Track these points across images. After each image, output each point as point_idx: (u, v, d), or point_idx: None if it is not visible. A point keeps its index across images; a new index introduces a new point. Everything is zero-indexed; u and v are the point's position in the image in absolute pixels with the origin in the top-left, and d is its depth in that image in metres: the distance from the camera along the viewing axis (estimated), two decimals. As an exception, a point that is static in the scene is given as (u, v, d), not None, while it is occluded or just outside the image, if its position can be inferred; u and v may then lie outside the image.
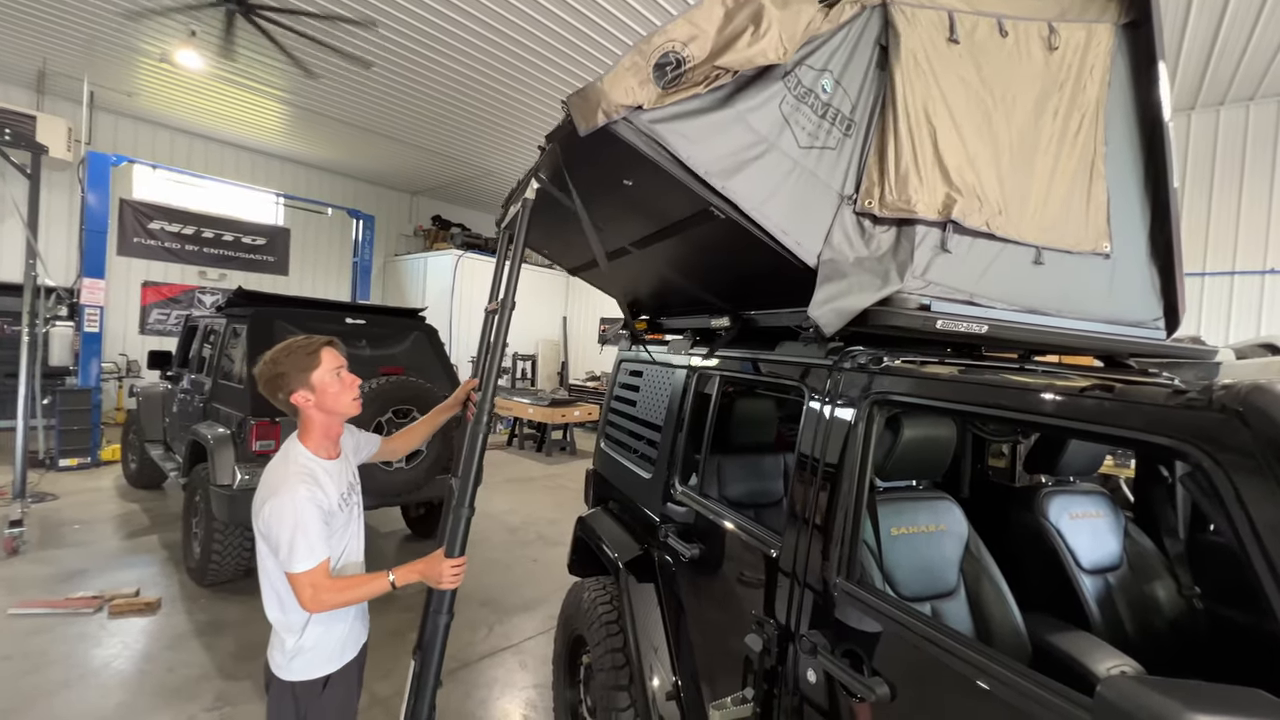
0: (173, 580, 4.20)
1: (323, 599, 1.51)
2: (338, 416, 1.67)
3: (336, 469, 1.69)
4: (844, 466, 1.41)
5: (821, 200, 1.58)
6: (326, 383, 1.61)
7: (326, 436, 1.68)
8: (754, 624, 1.61)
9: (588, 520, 2.78)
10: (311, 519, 1.51)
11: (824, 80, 1.54)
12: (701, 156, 1.41)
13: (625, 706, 2.14)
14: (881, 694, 1.18)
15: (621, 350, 3.09)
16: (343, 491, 1.68)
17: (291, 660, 1.60)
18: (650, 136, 1.37)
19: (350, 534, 1.73)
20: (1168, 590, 1.99)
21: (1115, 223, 1.91)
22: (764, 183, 1.48)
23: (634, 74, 1.31)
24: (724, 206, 1.46)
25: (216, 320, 5.01)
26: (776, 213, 1.50)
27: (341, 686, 1.67)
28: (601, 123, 1.30)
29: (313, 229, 12.02)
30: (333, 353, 1.65)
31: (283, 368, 1.59)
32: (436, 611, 1.71)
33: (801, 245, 1.53)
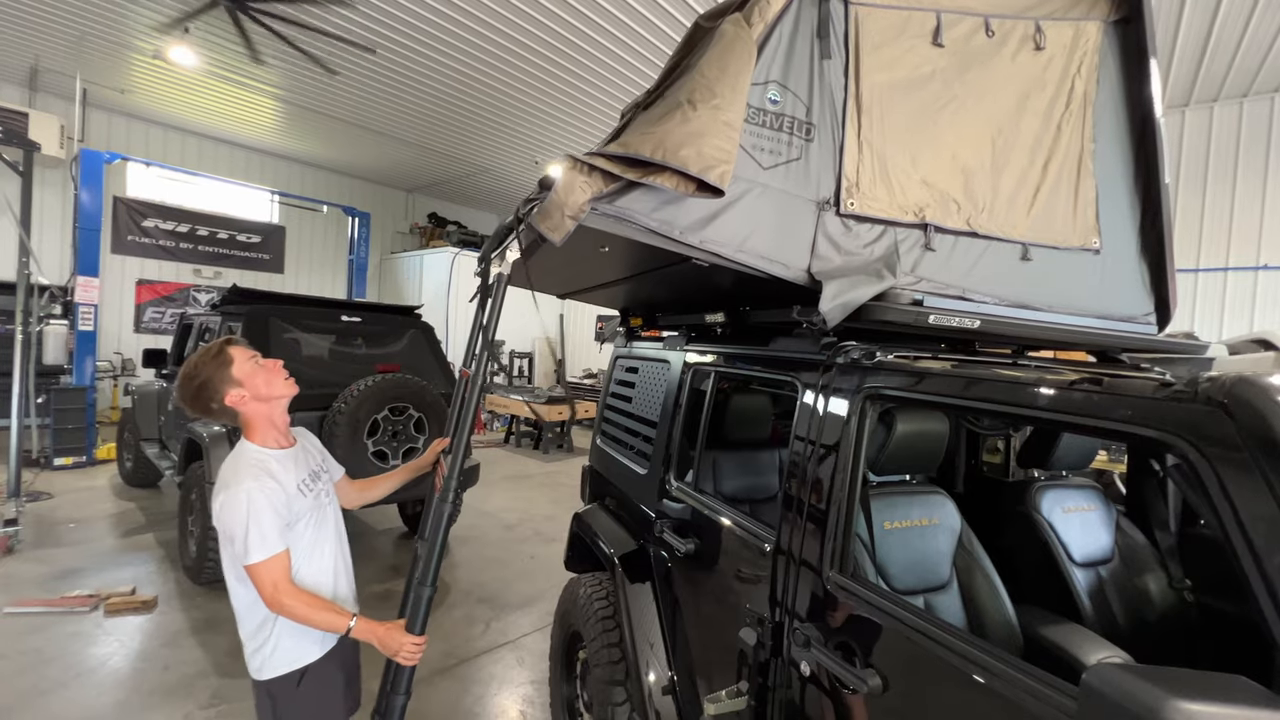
0: (168, 578, 4.19)
1: (282, 601, 1.48)
2: (276, 402, 1.64)
3: (291, 456, 1.67)
4: (838, 460, 1.42)
5: (799, 215, 1.57)
6: (249, 372, 1.58)
7: (273, 426, 1.65)
8: (748, 618, 1.61)
9: (584, 516, 2.79)
10: (263, 509, 1.48)
11: (770, 92, 1.53)
12: (672, 217, 1.42)
13: (621, 701, 2.15)
14: (874, 685, 1.19)
15: (617, 347, 3.09)
16: (303, 478, 1.66)
17: (261, 659, 1.59)
18: (617, 217, 1.38)
19: (321, 521, 1.70)
20: (1159, 583, 2.01)
21: (1105, 219, 1.92)
22: (739, 221, 1.49)
23: (579, 173, 1.33)
24: (705, 257, 1.47)
25: (211, 318, 4.99)
26: (758, 244, 1.51)
27: (320, 680, 1.64)
28: (572, 228, 1.31)
29: (308, 227, 11.98)
30: (239, 348, 1.61)
31: (201, 376, 1.56)
32: (394, 692, 1.65)
33: (788, 267, 1.54)
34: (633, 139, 1.37)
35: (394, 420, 4.24)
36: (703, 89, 1.38)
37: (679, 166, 1.31)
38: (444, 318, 11.04)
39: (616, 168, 1.34)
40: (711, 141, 1.34)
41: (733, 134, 1.38)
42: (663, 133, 1.34)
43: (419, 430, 4.36)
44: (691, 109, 1.36)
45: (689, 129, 1.34)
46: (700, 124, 1.34)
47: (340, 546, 1.81)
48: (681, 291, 2.02)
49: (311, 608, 1.51)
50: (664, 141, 1.32)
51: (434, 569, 1.66)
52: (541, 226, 1.30)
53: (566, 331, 13.66)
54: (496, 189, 12.79)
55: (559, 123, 8.81)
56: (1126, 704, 0.66)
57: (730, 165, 1.35)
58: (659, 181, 1.34)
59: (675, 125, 1.34)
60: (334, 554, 1.77)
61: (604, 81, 7.42)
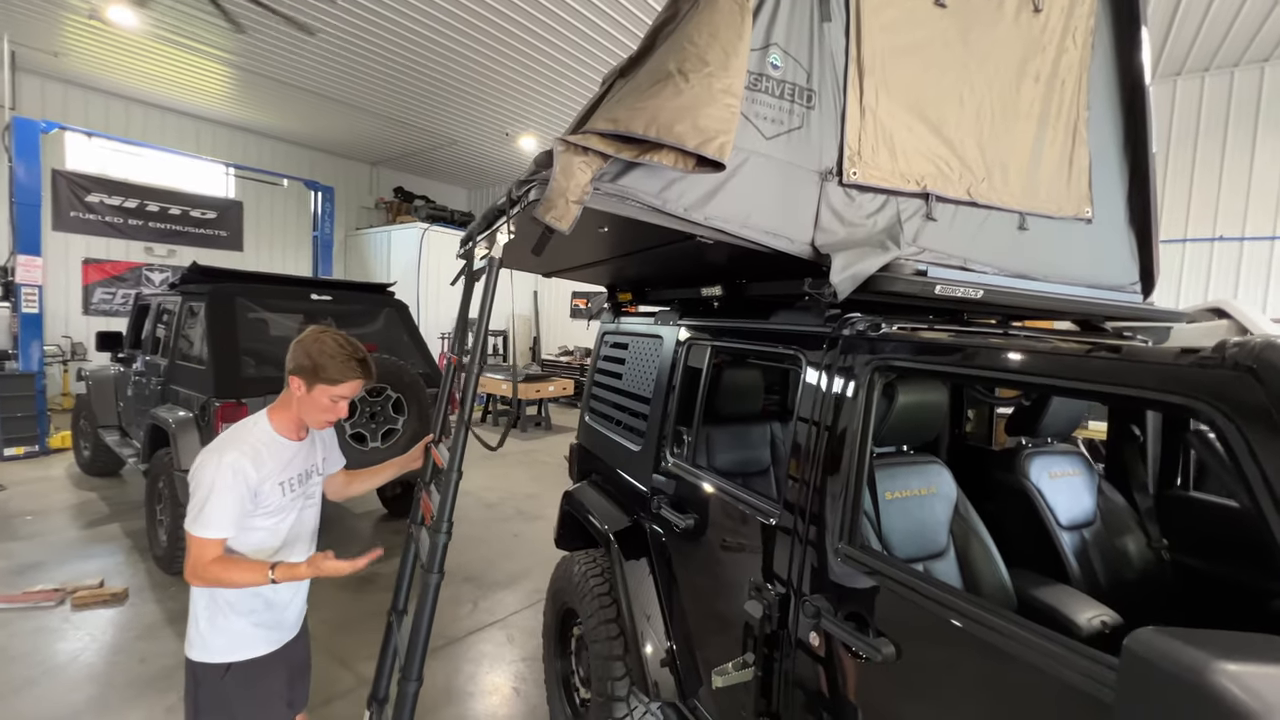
0: (139, 569, 4.04)
1: (201, 575, 1.48)
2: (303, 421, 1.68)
3: (293, 451, 1.67)
4: (845, 432, 1.41)
5: (802, 186, 1.54)
6: (321, 400, 1.61)
7: (295, 424, 1.68)
8: (752, 590, 1.62)
9: (575, 494, 2.76)
10: (227, 488, 1.47)
11: (771, 56, 1.47)
12: (675, 194, 1.37)
13: (620, 675, 2.16)
14: (888, 653, 1.20)
15: (604, 324, 3.04)
16: (290, 477, 1.65)
17: (195, 638, 1.59)
18: (620, 197, 1.33)
19: (292, 522, 1.68)
20: (1138, 543, 2.09)
21: (1096, 188, 1.94)
22: (742, 195, 1.44)
23: (575, 154, 1.26)
24: (709, 234, 1.43)
25: (170, 298, 4.75)
26: (761, 218, 1.47)
27: (247, 679, 1.60)
28: (578, 213, 1.25)
29: (267, 202, 11.44)
30: (355, 387, 1.63)
31: (316, 359, 1.58)
32: (405, 679, 1.67)
33: (792, 241, 1.51)
34: (623, 114, 1.29)
35: (371, 401, 4.12)
36: (693, 58, 1.32)
37: (675, 143, 1.25)
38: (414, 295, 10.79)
39: (611, 147, 1.27)
40: (707, 112, 1.28)
41: (731, 101, 1.32)
42: (655, 108, 1.27)
43: (397, 411, 4.25)
44: (684, 80, 1.29)
45: (681, 102, 1.27)
46: (694, 95, 1.28)
47: (306, 551, 1.76)
48: (676, 267, 1.98)
49: (229, 571, 1.49)
50: (657, 117, 1.26)
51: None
52: (547, 217, 1.23)
53: (541, 309, 13.49)
54: (465, 162, 12.40)
55: (531, 93, 8.53)
56: (1171, 668, 0.67)
57: (730, 136, 1.29)
58: (657, 159, 1.28)
59: (668, 99, 1.28)
60: (301, 558, 1.71)
61: (577, 50, 7.19)
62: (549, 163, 1.33)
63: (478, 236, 1.86)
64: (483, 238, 1.83)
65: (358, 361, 1.61)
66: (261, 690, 1.64)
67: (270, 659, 1.66)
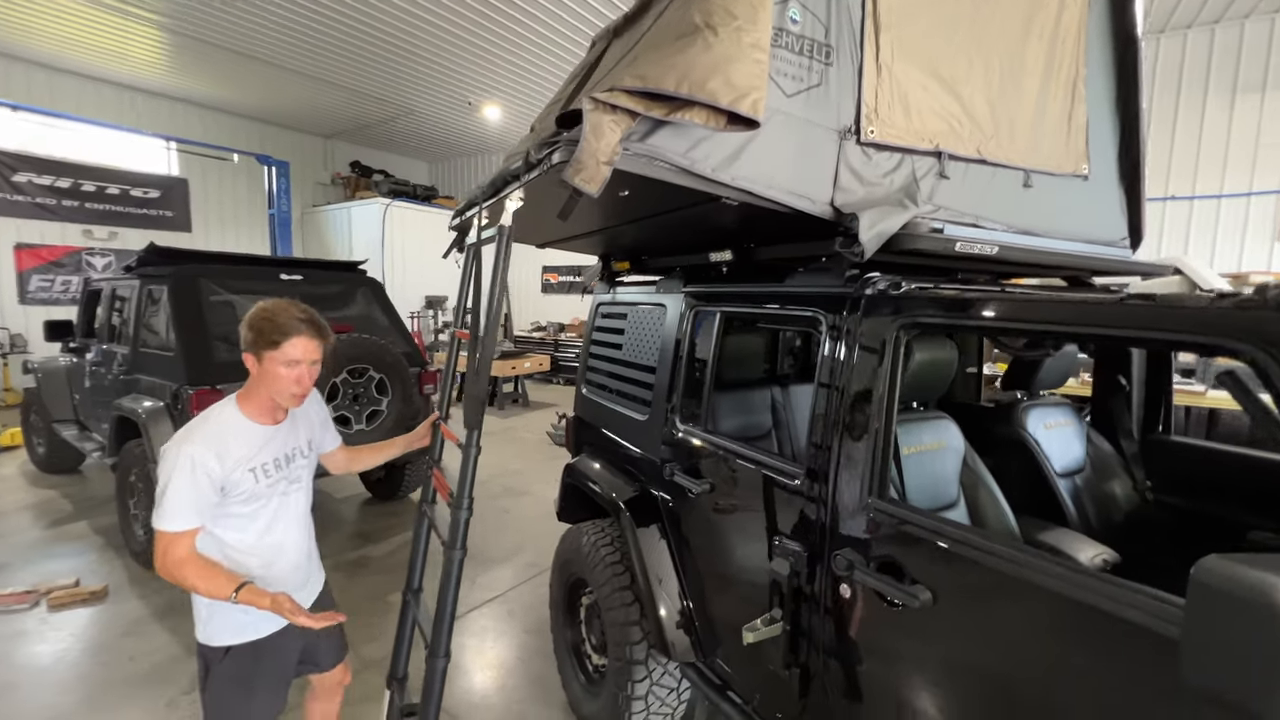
0: (115, 566, 3.89)
1: (170, 571, 1.42)
2: (272, 399, 1.59)
3: (266, 435, 1.60)
4: (873, 390, 1.43)
5: (822, 145, 1.52)
6: (276, 371, 1.51)
7: (266, 407, 1.60)
8: (777, 549, 1.65)
9: (578, 466, 2.76)
10: (185, 480, 1.42)
11: (791, 10, 1.44)
12: (702, 154, 1.33)
13: (638, 639, 2.20)
14: (925, 599, 1.25)
15: (598, 294, 3.00)
16: (264, 462, 1.58)
17: (200, 621, 1.59)
18: (649, 157, 1.29)
19: (280, 509, 1.64)
20: (1124, 486, 2.21)
21: (1090, 144, 1.98)
22: (765, 154, 1.41)
23: (604, 113, 1.20)
24: (735, 195, 1.40)
25: (126, 282, 4.48)
26: (783, 178, 1.45)
27: (241, 663, 1.59)
28: (608, 175, 1.20)
29: (215, 178, 10.82)
30: (302, 344, 1.52)
31: (255, 328, 1.51)
32: (432, 655, 1.70)
33: (813, 201, 1.49)
34: (651, 71, 1.25)
35: (354, 383, 4.00)
36: (720, 11, 1.28)
37: (708, 100, 1.22)
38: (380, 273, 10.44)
39: (640, 105, 1.23)
40: (739, 68, 1.25)
41: (760, 56, 1.29)
42: (685, 63, 1.24)
43: (380, 392, 4.15)
44: (712, 34, 1.26)
45: (712, 57, 1.24)
46: (723, 50, 1.25)
47: (298, 535, 1.73)
48: (682, 233, 1.95)
49: (199, 577, 1.43)
50: (688, 74, 1.22)
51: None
52: (576, 180, 1.19)
53: (511, 285, 13.24)
54: (426, 133, 11.94)
55: (495, 58, 8.21)
56: (1240, 592, 0.71)
57: (763, 93, 1.27)
58: (687, 117, 1.24)
59: (697, 54, 1.24)
60: (292, 544, 1.70)
61: (543, 12, 6.92)
62: (571, 123, 1.28)
63: (482, 204, 1.79)
64: (489, 205, 1.76)
65: (299, 320, 1.51)
66: (261, 674, 1.63)
67: (274, 640, 1.64)
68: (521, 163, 1.43)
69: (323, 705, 1.97)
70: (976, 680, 1.23)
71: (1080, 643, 1.03)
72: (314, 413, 1.80)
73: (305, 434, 1.75)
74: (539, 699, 2.73)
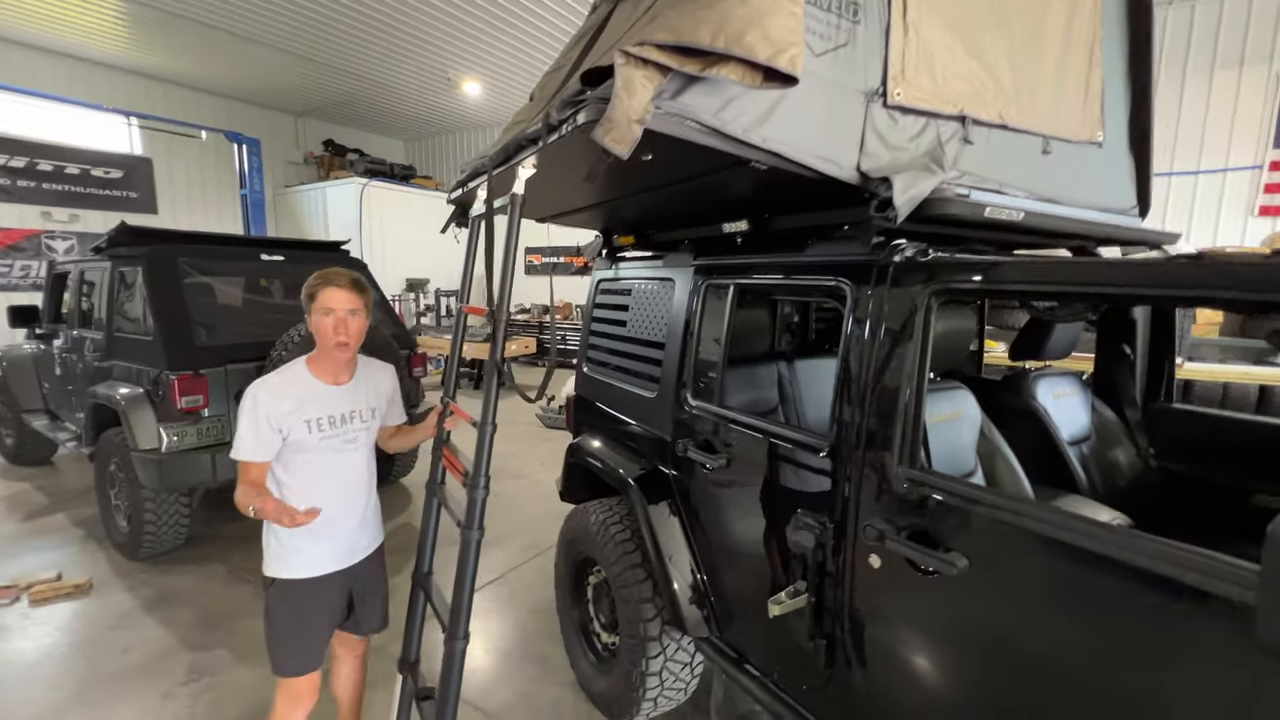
0: (99, 559, 3.77)
1: (238, 498, 1.60)
2: (325, 353, 1.74)
3: (327, 393, 1.75)
4: (904, 359, 1.41)
5: (849, 107, 1.48)
6: (320, 324, 1.70)
7: (328, 365, 1.76)
8: (800, 522, 1.64)
9: (582, 445, 2.72)
10: (247, 417, 1.63)
11: None
12: (733, 114, 1.28)
13: (651, 616, 2.19)
14: (962, 566, 1.24)
15: (599, 271, 2.94)
16: (319, 416, 1.72)
17: (265, 551, 1.77)
18: (680, 116, 1.23)
19: (326, 466, 1.76)
20: (1128, 453, 2.24)
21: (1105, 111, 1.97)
22: (794, 115, 1.36)
23: (635, 68, 1.14)
24: (765, 158, 1.35)
25: (95, 264, 4.27)
26: (812, 142, 1.40)
27: (284, 597, 1.75)
28: (639, 135, 1.14)
29: (181, 157, 10.36)
30: (332, 294, 1.69)
31: (307, 292, 1.70)
32: (451, 637, 1.70)
33: (840, 165, 1.45)
34: (684, 25, 1.19)
35: (343, 366, 3.89)
36: None
37: (745, 55, 1.16)
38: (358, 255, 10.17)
39: (673, 60, 1.17)
40: (776, 21, 1.19)
41: (796, 10, 1.23)
42: (719, 16, 1.18)
43: (371, 375, 4.04)
44: None
45: (748, 9, 1.18)
46: (759, 3, 1.19)
47: (343, 494, 1.81)
48: (698, 201, 1.90)
49: (243, 494, 1.60)
50: (724, 27, 1.16)
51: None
52: (607, 140, 1.13)
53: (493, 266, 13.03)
54: (403, 111, 11.57)
55: (476, 31, 7.94)
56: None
57: (800, 48, 1.21)
58: (722, 73, 1.18)
59: (732, 6, 1.18)
60: (335, 500, 1.77)
61: (525, -18, 6.70)
62: (598, 80, 1.22)
63: (491, 173, 1.71)
64: (500, 173, 1.69)
65: (335, 274, 1.70)
66: (295, 609, 1.76)
67: (312, 585, 1.76)
68: (541, 125, 1.36)
69: (346, 667, 2.05)
70: (1013, 645, 1.23)
71: (1128, 608, 1.03)
72: (384, 384, 1.93)
73: (369, 401, 1.85)
74: (546, 679, 2.72)
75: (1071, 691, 1.12)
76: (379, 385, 1.90)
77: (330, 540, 1.78)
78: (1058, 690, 1.15)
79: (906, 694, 1.46)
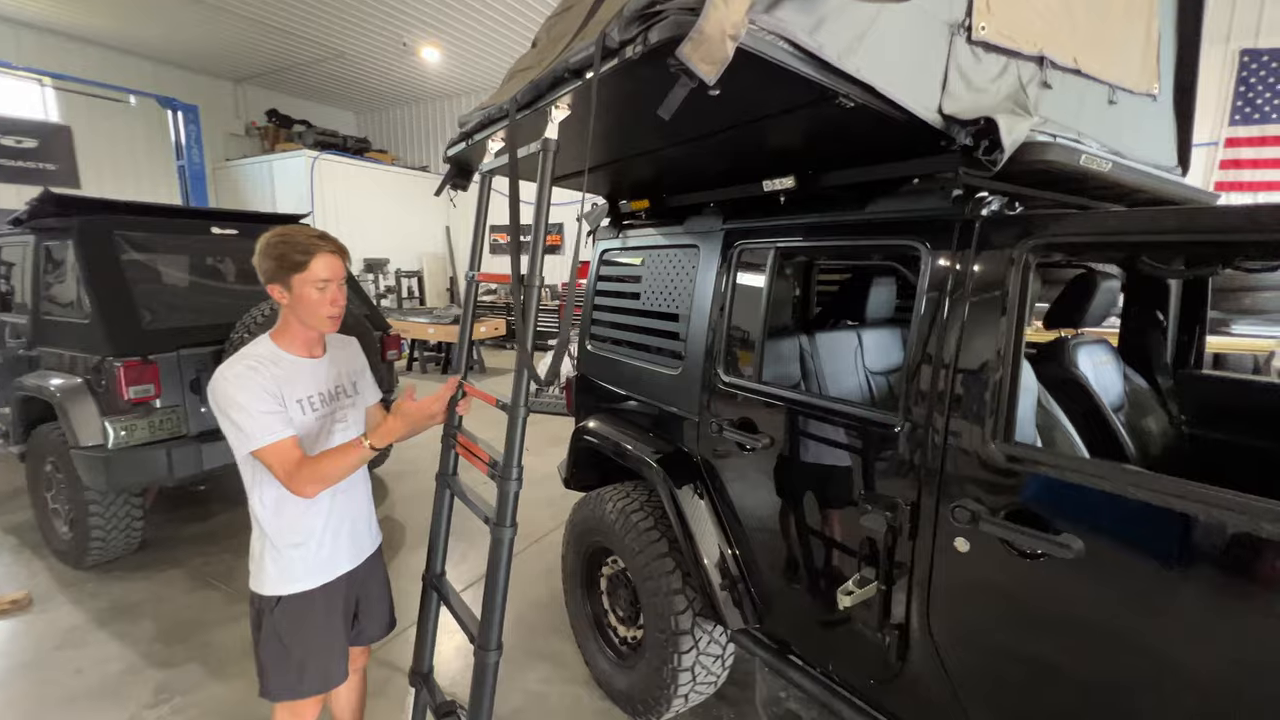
0: (36, 569, 3.37)
1: (300, 478, 1.39)
2: (311, 328, 1.53)
3: (308, 368, 1.54)
4: (998, 325, 1.27)
5: (933, 40, 1.30)
6: (308, 295, 1.46)
7: (302, 339, 1.54)
8: (868, 504, 1.51)
9: (594, 429, 2.53)
10: (247, 396, 1.38)
11: None
12: (827, 36, 1.09)
13: (683, 609, 2.04)
14: (1078, 548, 1.13)
15: (602, 239, 2.72)
16: (310, 395, 1.53)
17: (252, 568, 1.54)
18: (776, 34, 1.04)
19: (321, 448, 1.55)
20: (1160, 421, 2.21)
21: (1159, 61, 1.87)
22: (883, 46, 1.18)
23: None
24: (855, 93, 1.16)
25: (14, 240, 3.77)
26: (897, 76, 1.22)
27: (295, 614, 1.52)
28: (731, 52, 0.95)
29: (107, 126, 9.43)
30: (328, 262, 1.47)
31: (276, 254, 1.43)
32: (483, 648, 1.57)
33: (928, 107, 1.28)
34: None
35: (312, 349, 3.56)
36: None
37: None
38: (312, 235, 9.54)
39: None
40: None
41: None
42: None
43: (343, 359, 3.72)
44: None
45: None
46: None
47: (351, 486, 1.63)
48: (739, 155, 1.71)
49: (331, 467, 1.43)
50: None
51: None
52: (695, 59, 0.93)
53: (456, 246, 12.52)
54: (353, 79, 10.86)
55: (433, -9, 7.43)
56: None
57: None
58: None
59: None
60: (344, 493, 1.60)
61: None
62: None
63: (515, 115, 1.47)
64: (525, 116, 1.45)
65: (317, 238, 1.47)
66: (310, 625, 1.55)
67: (323, 593, 1.56)
68: (593, 51, 1.14)
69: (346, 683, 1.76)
70: (1134, 636, 1.12)
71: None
72: (355, 356, 1.73)
73: (348, 375, 1.67)
74: (559, 677, 2.55)
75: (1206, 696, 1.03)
76: (351, 357, 1.71)
77: (340, 537, 1.60)
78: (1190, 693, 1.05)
79: (993, 686, 1.36)
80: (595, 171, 2.12)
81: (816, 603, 1.75)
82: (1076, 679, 1.21)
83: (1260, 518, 0.95)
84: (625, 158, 1.83)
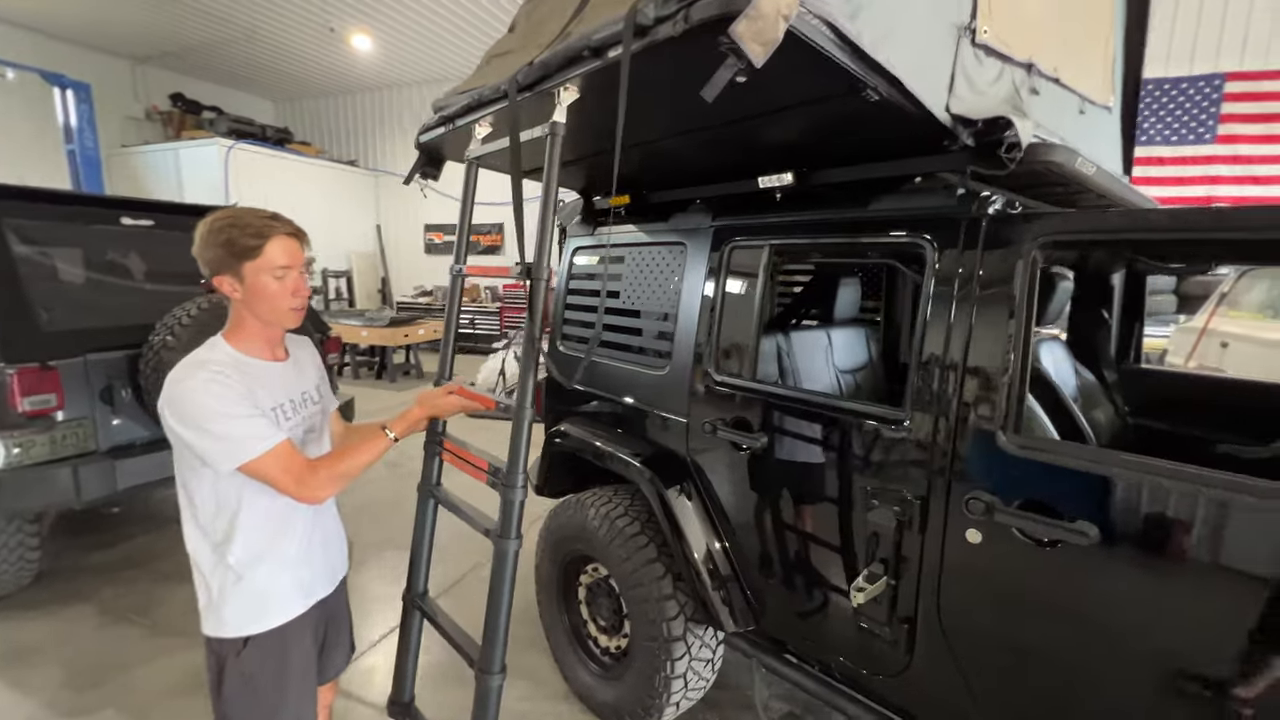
0: (-97, 612, 2.88)
1: (317, 481, 1.26)
2: (271, 325, 1.34)
3: (279, 373, 1.38)
4: (1005, 320, 1.31)
5: (942, 41, 1.34)
6: (266, 285, 1.27)
7: (262, 339, 1.35)
8: (875, 499, 1.52)
9: (570, 433, 2.43)
10: (226, 399, 1.19)
11: None
12: (865, 23, 1.09)
13: (674, 615, 1.99)
14: (1093, 536, 1.17)
15: (574, 236, 2.63)
16: (282, 402, 1.35)
17: (203, 608, 1.31)
18: (821, 19, 1.02)
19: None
20: (1107, 413, 2.37)
21: (1113, 74, 2.01)
22: (905, 40, 1.19)
23: None
24: (881, 85, 1.16)
25: None
26: (916, 71, 1.23)
27: (265, 653, 1.32)
28: (782, 33, 0.92)
29: (-26, 103, 8.31)
30: (285, 245, 1.29)
31: (224, 241, 1.24)
32: (485, 671, 1.50)
33: (938, 106, 1.31)
34: None
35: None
36: None
37: None
38: (227, 231, 8.77)
39: None
40: None
41: None
42: None
43: (280, 363, 3.42)
44: None
45: None
46: None
47: (326, 506, 1.47)
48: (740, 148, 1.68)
49: (345, 458, 1.33)
50: None
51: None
52: (747, 39, 0.88)
53: (388, 246, 11.93)
54: (272, 65, 10.11)
55: (366, -25, 7.03)
56: None
57: None
58: None
59: None
60: (319, 513, 1.44)
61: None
62: None
63: (516, 99, 1.37)
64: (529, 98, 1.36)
65: (269, 220, 1.29)
66: (285, 665, 1.35)
67: (297, 626, 1.36)
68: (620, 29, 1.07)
69: None
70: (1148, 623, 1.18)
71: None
72: (308, 358, 1.53)
73: (312, 377, 1.50)
74: (538, 694, 2.44)
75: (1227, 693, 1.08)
76: (312, 358, 1.55)
77: (317, 559, 1.43)
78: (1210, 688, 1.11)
79: (1005, 676, 1.39)
80: (574, 165, 2.04)
81: (818, 601, 1.75)
82: (1091, 673, 1.25)
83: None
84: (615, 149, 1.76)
